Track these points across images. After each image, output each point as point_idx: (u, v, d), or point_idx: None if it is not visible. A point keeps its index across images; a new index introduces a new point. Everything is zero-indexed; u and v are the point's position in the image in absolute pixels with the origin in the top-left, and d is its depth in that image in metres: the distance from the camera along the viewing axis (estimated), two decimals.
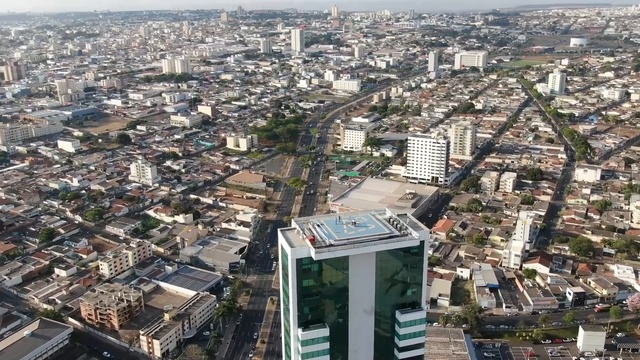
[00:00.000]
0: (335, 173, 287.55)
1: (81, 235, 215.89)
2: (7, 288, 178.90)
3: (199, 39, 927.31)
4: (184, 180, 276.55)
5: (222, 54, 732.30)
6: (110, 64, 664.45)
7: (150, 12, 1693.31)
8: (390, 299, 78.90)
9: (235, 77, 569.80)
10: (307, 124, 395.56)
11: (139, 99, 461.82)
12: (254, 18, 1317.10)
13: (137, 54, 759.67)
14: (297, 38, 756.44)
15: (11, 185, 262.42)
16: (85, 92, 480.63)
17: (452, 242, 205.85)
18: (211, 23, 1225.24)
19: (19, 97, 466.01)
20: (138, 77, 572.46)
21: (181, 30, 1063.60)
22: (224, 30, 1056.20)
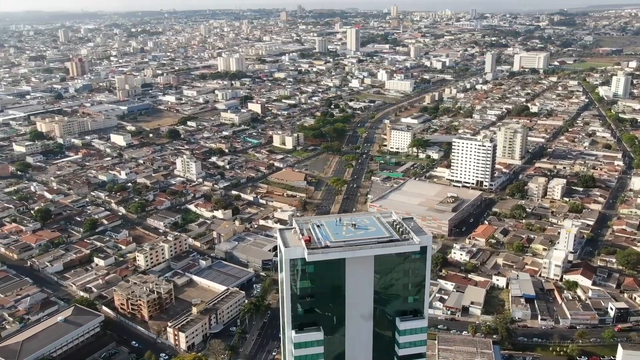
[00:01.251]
0: (378, 174, 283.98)
1: (123, 227, 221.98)
2: (48, 274, 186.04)
3: (256, 38, 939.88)
4: (227, 176, 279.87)
5: (278, 53, 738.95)
6: (169, 61, 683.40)
7: (213, 11, 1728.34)
8: (390, 306, 76.16)
9: (288, 75, 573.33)
10: (355, 124, 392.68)
11: (193, 95, 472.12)
12: (312, 17, 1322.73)
13: (196, 52, 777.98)
14: (352, 37, 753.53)
15: (63, 176, 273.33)
16: (142, 88, 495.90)
17: (491, 249, 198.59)
18: (270, 22, 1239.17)
19: (80, 92, 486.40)
20: (194, 75, 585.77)
21: (240, 29, 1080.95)
22: (282, 29, 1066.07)
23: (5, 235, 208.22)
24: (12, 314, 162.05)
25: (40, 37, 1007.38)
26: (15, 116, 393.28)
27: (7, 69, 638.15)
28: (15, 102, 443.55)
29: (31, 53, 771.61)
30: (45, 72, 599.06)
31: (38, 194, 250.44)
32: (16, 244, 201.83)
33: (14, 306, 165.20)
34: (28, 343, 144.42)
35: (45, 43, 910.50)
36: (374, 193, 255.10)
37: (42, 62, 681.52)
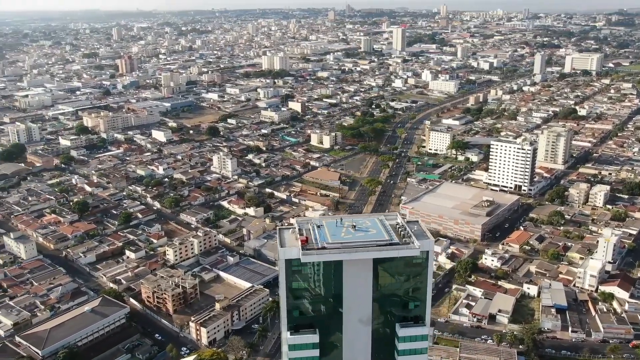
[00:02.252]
0: (414, 175, 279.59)
1: (156, 221, 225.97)
2: (81, 265, 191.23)
3: (303, 37, 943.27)
4: (262, 174, 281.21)
5: (323, 52, 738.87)
6: (215, 60, 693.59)
7: (263, 10, 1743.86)
8: (390, 311, 73.84)
9: (331, 74, 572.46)
10: (395, 124, 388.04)
11: (235, 93, 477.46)
12: (360, 17, 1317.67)
13: (242, 50, 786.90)
14: (398, 37, 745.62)
15: (104, 170, 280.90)
16: (187, 86, 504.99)
17: (525, 256, 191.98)
18: (318, 21, 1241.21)
19: (127, 89, 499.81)
20: (238, 73, 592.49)
21: (288, 28, 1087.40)
22: (328, 29, 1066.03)
23: (45, 226, 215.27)
24: (44, 302, 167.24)
25: (95, 35, 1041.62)
26: (64, 111, 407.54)
27: (61, 65, 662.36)
28: (65, 97, 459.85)
29: (85, 50, 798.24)
30: (97, 69, 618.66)
31: (79, 187, 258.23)
32: (53, 234, 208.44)
33: (47, 294, 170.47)
34: (55, 331, 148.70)
35: (99, 41, 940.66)
36: (408, 195, 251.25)
37: (95, 60, 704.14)
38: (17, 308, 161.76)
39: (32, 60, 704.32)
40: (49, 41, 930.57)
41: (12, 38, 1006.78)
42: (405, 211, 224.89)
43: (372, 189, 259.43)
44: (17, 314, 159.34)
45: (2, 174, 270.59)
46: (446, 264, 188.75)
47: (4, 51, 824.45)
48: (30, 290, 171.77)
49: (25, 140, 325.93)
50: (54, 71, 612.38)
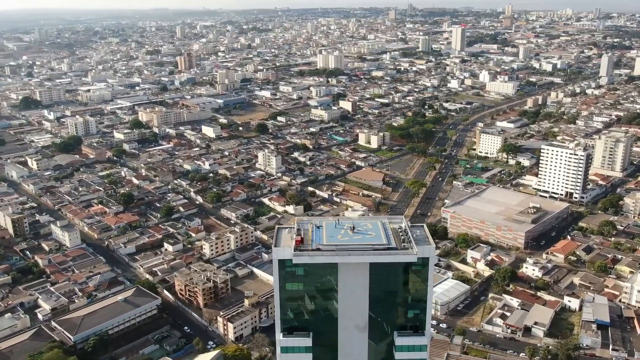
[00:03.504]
0: (460, 178, 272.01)
1: (197, 215, 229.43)
2: (121, 255, 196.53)
3: (361, 36, 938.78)
4: (306, 172, 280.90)
5: (380, 51, 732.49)
6: (272, 58, 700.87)
7: (325, 9, 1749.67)
8: (387, 318, 70.98)
9: (386, 74, 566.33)
10: (447, 126, 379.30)
11: (287, 91, 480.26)
12: (422, 16, 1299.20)
13: (299, 49, 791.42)
14: (457, 36, 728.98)
15: (152, 164, 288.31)
16: (241, 83, 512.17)
17: (570, 267, 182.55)
18: (378, 20, 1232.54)
19: (184, 85, 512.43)
20: (293, 71, 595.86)
21: (347, 27, 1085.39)
22: (388, 28, 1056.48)
23: (91, 216, 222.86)
24: (83, 289, 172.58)
25: (160, 33, 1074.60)
26: (122, 105, 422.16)
27: (125, 61, 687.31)
28: (124, 92, 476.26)
29: (149, 48, 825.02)
30: (157, 66, 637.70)
31: (127, 179, 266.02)
32: (98, 224, 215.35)
33: (86, 282, 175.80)
34: (88, 318, 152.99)
35: (163, 38, 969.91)
36: (452, 198, 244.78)
37: (157, 56, 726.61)
38: (56, 294, 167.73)
39: (99, 56, 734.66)
40: (116, 38, 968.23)
41: (83, 35, 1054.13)
42: (446, 215, 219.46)
43: (416, 190, 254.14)
44: (56, 299, 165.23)
45: (58, 165, 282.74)
46: (484, 272, 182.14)
47: (74, 48, 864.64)
48: (71, 278, 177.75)
49: (83, 133, 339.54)
50: (117, 67, 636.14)
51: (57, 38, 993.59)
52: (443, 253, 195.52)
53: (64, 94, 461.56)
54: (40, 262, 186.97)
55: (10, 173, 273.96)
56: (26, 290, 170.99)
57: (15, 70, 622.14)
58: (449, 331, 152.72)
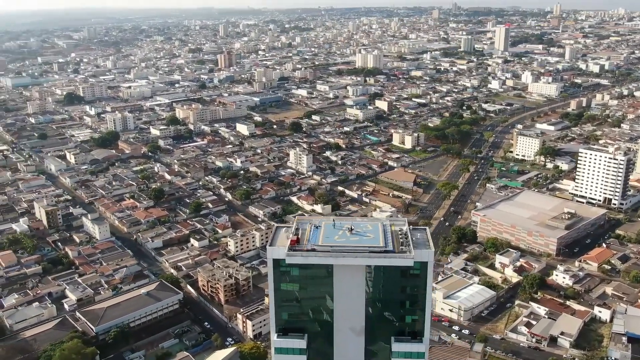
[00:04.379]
0: (494, 181, 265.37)
1: (226, 212, 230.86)
2: (148, 249, 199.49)
3: (402, 35, 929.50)
4: (337, 172, 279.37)
5: (420, 51, 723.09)
6: (311, 57, 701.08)
7: (368, 8, 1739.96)
8: (384, 323, 68.90)
9: (425, 74, 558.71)
10: (484, 127, 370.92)
11: (324, 90, 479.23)
12: (466, 15, 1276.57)
13: (339, 48, 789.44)
14: (501, 36, 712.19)
15: (185, 160, 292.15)
16: (279, 81, 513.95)
17: (603, 276, 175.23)
18: (420, 20, 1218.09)
19: (223, 83, 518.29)
20: (331, 70, 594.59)
21: (389, 26, 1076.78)
22: (430, 27, 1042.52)
23: (122, 210, 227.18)
24: (109, 281, 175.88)
25: (203, 31, 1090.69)
26: (161, 102, 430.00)
27: (167, 59, 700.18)
28: (164, 89, 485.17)
29: (192, 46, 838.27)
30: (198, 64, 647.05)
31: (159, 174, 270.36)
32: (128, 218, 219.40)
33: (112, 275, 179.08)
34: (111, 310, 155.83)
35: (206, 37, 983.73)
36: (484, 201, 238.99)
37: (198, 54, 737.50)
38: (83, 285, 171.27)
39: (143, 54, 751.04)
40: (161, 37, 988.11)
41: (130, 34, 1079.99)
42: (476, 218, 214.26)
43: (447, 193, 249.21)
44: (82, 290, 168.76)
45: (94, 159, 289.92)
46: (512, 278, 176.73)
47: (120, 46, 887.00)
48: (98, 270, 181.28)
49: (121, 129, 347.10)
50: (159, 65, 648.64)
51: (104, 36, 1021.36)
52: (471, 257, 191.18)
53: (106, 90, 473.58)
54: (70, 253, 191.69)
55: (49, 166, 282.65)
56: (55, 281, 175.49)
57: (63, 66, 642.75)
58: (470, 337, 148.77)
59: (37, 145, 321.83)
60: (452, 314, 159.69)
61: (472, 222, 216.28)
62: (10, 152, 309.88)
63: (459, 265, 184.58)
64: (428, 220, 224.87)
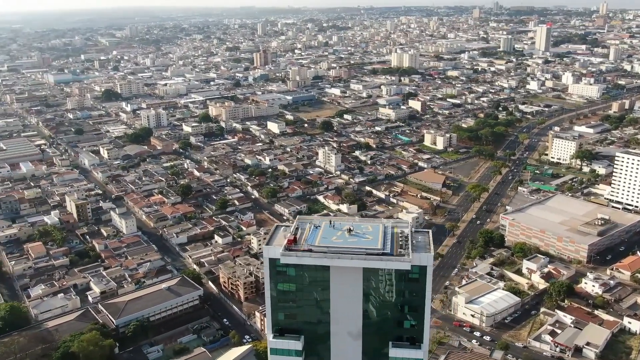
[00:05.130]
0: (526, 184, 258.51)
1: (251, 209, 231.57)
2: (173, 245, 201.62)
3: (441, 35, 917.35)
4: (366, 172, 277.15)
5: (458, 50, 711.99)
6: (347, 56, 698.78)
7: (408, 7, 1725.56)
8: (382, 328, 67.01)
9: (462, 74, 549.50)
10: (520, 129, 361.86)
11: (358, 89, 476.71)
12: (508, 15, 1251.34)
13: (376, 47, 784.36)
14: (542, 36, 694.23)
15: (215, 157, 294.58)
16: (313, 80, 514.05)
17: (635, 285, 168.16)
18: (460, 19, 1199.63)
19: (257, 81, 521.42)
20: (366, 69, 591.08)
21: (427, 25, 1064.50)
22: (470, 27, 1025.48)
23: (150, 205, 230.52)
24: (132, 275, 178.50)
25: (242, 30, 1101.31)
26: (195, 100, 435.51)
27: (205, 57, 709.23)
28: (199, 87, 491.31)
29: (229, 44, 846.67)
30: (234, 62, 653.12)
31: (188, 171, 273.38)
32: (155, 213, 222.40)
33: (136, 268, 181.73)
34: (131, 303, 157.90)
35: (244, 35, 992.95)
36: (514, 205, 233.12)
37: (235, 53, 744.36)
38: (107, 278, 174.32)
39: (181, 52, 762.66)
40: (200, 35, 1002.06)
41: (170, 32, 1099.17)
42: (504, 222, 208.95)
43: (477, 195, 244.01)
44: (106, 283, 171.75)
45: (126, 155, 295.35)
46: (539, 284, 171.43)
47: (160, 44, 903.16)
48: (123, 263, 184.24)
49: (154, 125, 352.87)
50: (196, 63, 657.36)
51: (146, 34, 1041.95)
52: (497, 262, 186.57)
53: (143, 88, 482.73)
54: (97, 246, 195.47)
55: (83, 161, 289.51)
56: (81, 273, 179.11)
57: (104, 64, 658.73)
58: (491, 344, 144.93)
59: (73, 140, 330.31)
60: (474, 320, 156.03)
61: (501, 225, 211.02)
62: (47, 147, 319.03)
63: (485, 270, 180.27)
64: (455, 222, 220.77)
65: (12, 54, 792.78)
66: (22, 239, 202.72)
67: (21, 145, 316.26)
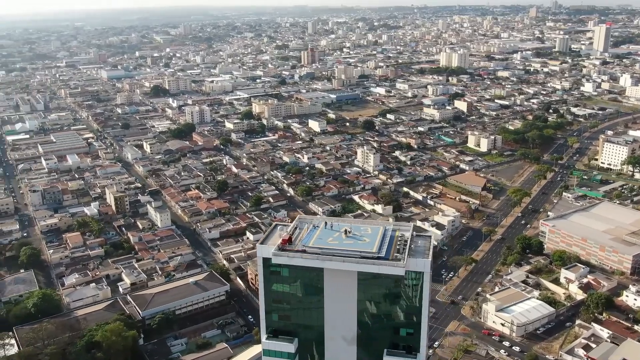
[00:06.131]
0: (572, 190, 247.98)
1: (285, 207, 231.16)
2: (205, 239, 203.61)
3: (494, 34, 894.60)
4: (404, 172, 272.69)
5: (511, 50, 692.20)
6: (396, 55, 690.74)
7: (463, 6, 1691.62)
8: (377, 334, 64.57)
9: (513, 74, 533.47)
10: (570, 132, 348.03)
11: (403, 89, 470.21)
12: (566, 14, 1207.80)
13: (426, 47, 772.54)
14: (600, 36, 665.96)
15: (254, 154, 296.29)
16: (359, 79, 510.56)
17: None
18: (516, 18, 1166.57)
19: (303, 80, 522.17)
20: (414, 69, 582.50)
21: (481, 25, 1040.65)
22: (525, 26, 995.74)
23: (186, 200, 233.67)
24: (163, 268, 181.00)
25: (293, 28, 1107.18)
26: (240, 97, 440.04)
27: (254, 55, 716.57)
28: (245, 84, 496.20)
29: (279, 42, 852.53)
30: (282, 60, 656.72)
31: (227, 167, 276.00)
32: (190, 208, 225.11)
33: (167, 262, 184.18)
34: (159, 296, 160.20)
35: (294, 34, 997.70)
36: (557, 211, 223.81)
37: (284, 51, 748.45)
38: (138, 270, 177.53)
39: (231, 50, 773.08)
40: (251, 33, 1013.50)
41: (223, 30, 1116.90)
42: (544, 228, 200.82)
43: (518, 200, 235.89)
44: (137, 275, 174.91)
45: (168, 150, 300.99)
46: (577, 295, 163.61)
47: (212, 41, 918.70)
48: (155, 256, 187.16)
49: (198, 121, 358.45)
50: (245, 61, 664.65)
51: (199, 32, 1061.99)
52: (534, 269, 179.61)
53: (190, 84, 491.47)
54: (132, 238, 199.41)
55: (126, 154, 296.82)
56: (114, 264, 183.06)
57: (156, 61, 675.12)
58: (521, 355, 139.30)
59: (119, 134, 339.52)
60: (504, 329, 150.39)
61: (540, 232, 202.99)
62: (94, 140, 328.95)
63: (520, 278, 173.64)
64: (493, 227, 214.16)
65: (72, 51, 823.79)
66: (62, 229, 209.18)
67: (70, 138, 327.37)
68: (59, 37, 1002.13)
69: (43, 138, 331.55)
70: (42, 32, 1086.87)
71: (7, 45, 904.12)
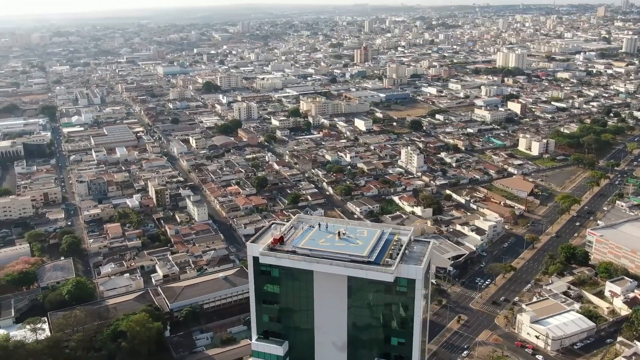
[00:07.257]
0: (627, 199, 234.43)
1: (323, 206, 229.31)
2: (240, 235, 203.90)
3: (557, 34, 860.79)
4: (449, 174, 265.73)
5: (573, 51, 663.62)
6: (451, 54, 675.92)
7: (527, 5, 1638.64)
8: (368, 342, 61.81)
9: (573, 76, 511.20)
10: (630, 137, 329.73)
11: (455, 89, 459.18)
12: (637, 13, 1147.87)
13: (483, 46, 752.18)
14: None
15: (297, 151, 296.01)
16: (410, 78, 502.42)
17: None
18: (582, 18, 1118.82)
19: (354, 78, 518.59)
20: (468, 69, 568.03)
21: (544, 24, 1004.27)
22: (591, 26, 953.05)
23: (225, 195, 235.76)
24: (196, 262, 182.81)
25: (349, 27, 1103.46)
26: (289, 94, 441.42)
27: (307, 53, 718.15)
28: (295, 82, 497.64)
29: (334, 41, 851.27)
30: (335, 58, 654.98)
31: (268, 164, 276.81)
32: (229, 203, 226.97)
33: (200, 255, 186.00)
34: (187, 289, 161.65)
35: (350, 32, 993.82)
36: (607, 220, 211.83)
37: (338, 49, 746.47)
38: (172, 262, 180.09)
39: (286, 48, 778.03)
40: (308, 31, 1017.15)
41: (280, 28, 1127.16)
42: (591, 237, 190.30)
43: (566, 207, 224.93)
44: (170, 267, 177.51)
45: (213, 145, 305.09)
46: (621, 310, 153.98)
47: (269, 39, 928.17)
48: (189, 250, 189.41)
49: (245, 118, 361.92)
50: (298, 58, 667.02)
51: (256, 30, 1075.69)
52: (577, 281, 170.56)
53: (241, 81, 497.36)
54: (169, 231, 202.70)
55: (173, 149, 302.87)
56: (149, 256, 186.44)
57: (212, 57, 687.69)
58: None
59: (168, 128, 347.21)
60: (538, 341, 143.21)
61: (587, 241, 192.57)
62: (144, 134, 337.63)
63: (561, 289, 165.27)
64: (537, 235, 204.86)
65: (134, 47, 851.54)
66: (104, 219, 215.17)
67: (121, 131, 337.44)
68: (123, 34, 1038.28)
69: (96, 131, 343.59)
70: (108, 29, 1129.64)
71: (75, 41, 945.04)
